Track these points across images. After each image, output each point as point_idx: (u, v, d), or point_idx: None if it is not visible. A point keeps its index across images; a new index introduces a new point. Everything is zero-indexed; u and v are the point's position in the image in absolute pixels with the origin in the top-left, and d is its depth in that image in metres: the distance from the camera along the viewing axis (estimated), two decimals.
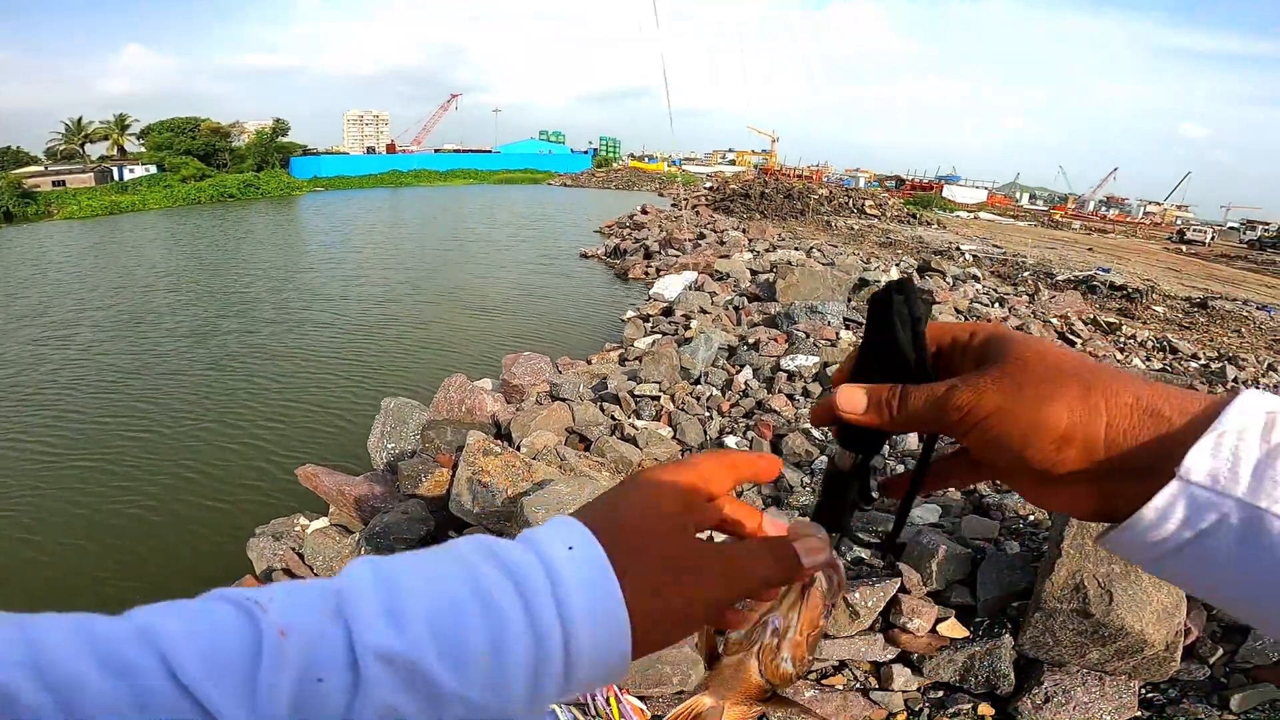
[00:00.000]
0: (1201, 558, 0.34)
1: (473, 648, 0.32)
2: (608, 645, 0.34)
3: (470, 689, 0.31)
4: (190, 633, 0.28)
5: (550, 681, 0.33)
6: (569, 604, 0.33)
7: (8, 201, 35.64)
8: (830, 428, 0.46)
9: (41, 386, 9.05)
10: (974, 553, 3.01)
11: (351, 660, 0.29)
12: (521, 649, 0.32)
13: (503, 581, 0.33)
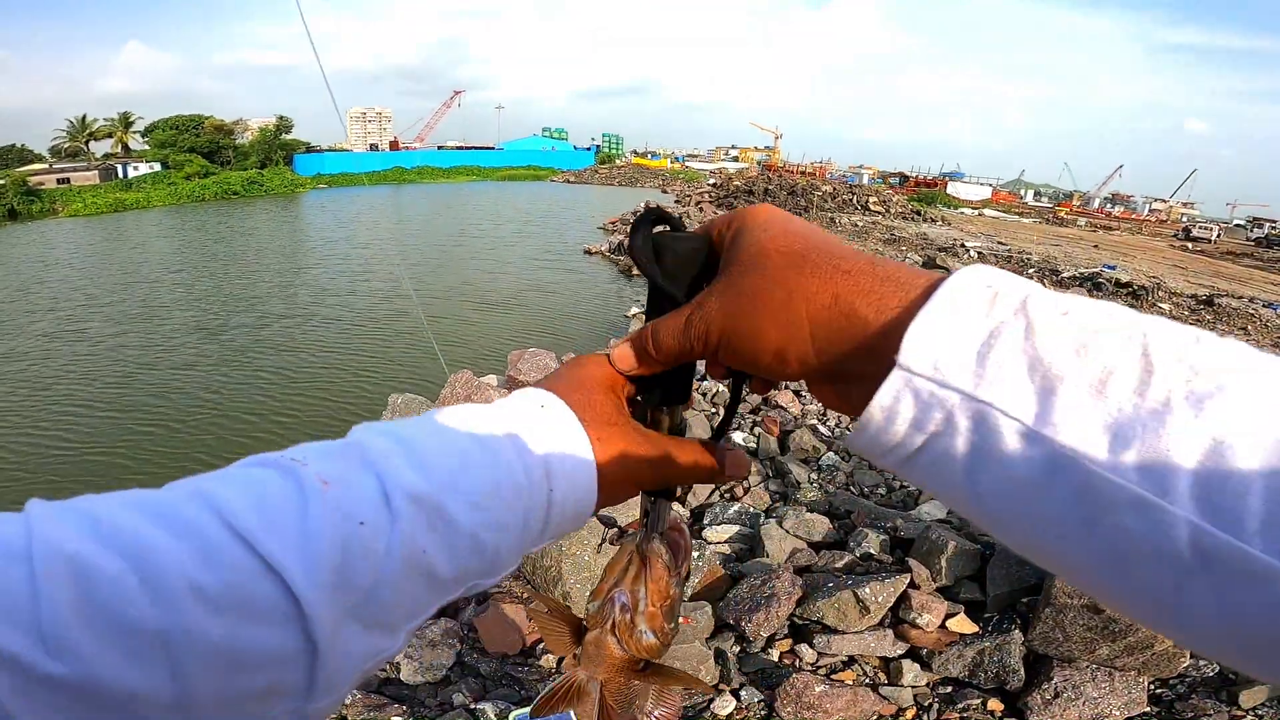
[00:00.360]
0: (937, 464, 0.31)
1: (479, 486, 0.34)
2: (579, 482, 0.38)
3: (479, 524, 0.34)
4: (243, 490, 0.30)
5: (537, 511, 0.37)
6: (547, 441, 0.38)
7: (13, 199, 35.77)
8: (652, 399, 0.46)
9: (56, 379, 9.17)
10: (983, 549, 3.01)
11: (385, 502, 0.31)
12: (517, 483, 0.36)
13: (495, 429, 0.37)
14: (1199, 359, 0.27)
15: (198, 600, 0.26)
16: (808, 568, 3.18)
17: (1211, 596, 0.25)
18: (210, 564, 0.27)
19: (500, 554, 0.36)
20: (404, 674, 2.92)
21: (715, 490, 4.22)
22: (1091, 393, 0.27)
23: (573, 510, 0.39)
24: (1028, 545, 0.30)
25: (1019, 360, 0.29)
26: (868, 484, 4.20)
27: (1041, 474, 0.28)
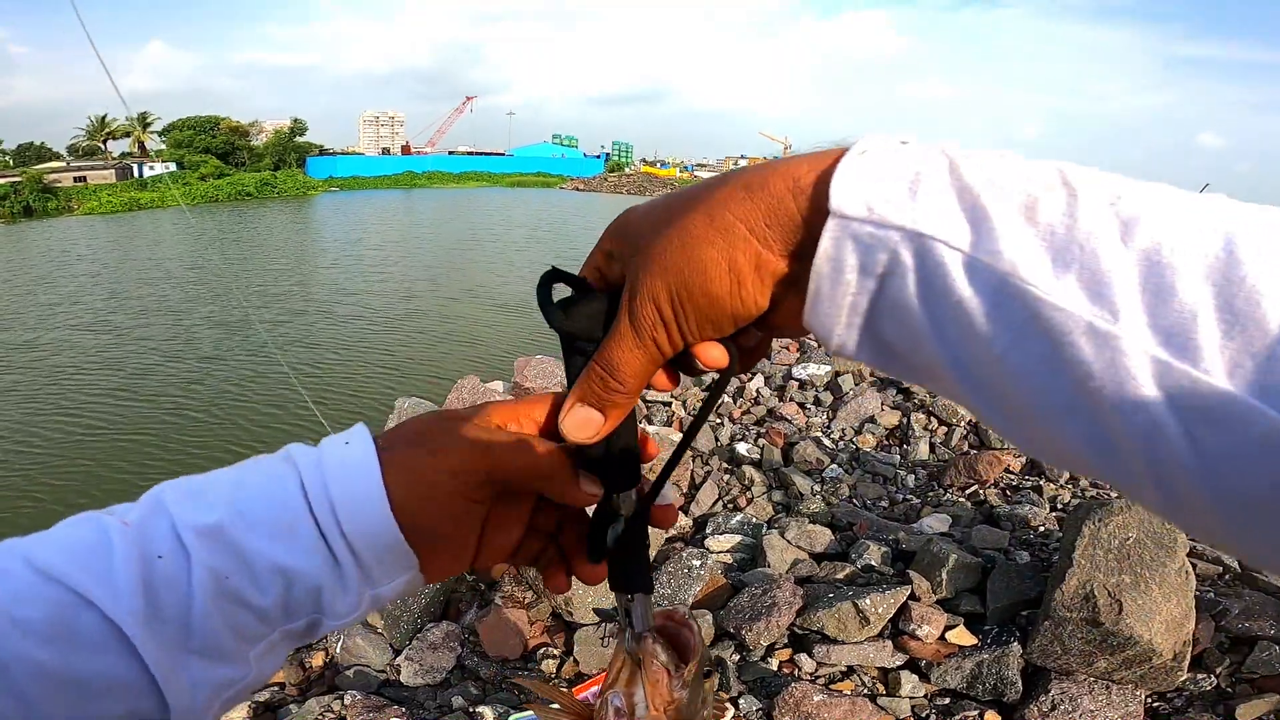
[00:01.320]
0: (896, 315, 0.30)
1: (267, 515, 0.36)
2: (375, 516, 0.37)
3: (278, 551, 0.36)
4: (47, 538, 0.34)
5: (339, 545, 0.37)
6: (326, 462, 0.38)
7: (29, 196, 36.20)
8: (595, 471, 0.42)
9: (84, 367, 9.52)
10: (984, 562, 3.02)
11: (177, 538, 0.35)
12: (292, 500, 0.37)
13: (279, 459, 0.39)
14: (1118, 186, 0.27)
15: (23, 633, 0.30)
16: (809, 578, 3.19)
17: (1184, 444, 0.23)
18: (25, 601, 0.31)
19: (321, 584, 0.37)
20: (404, 676, 2.94)
21: (718, 500, 4.24)
22: (1023, 217, 0.27)
23: (366, 527, 0.37)
24: (1002, 403, 0.29)
25: (948, 192, 0.28)
26: (870, 497, 4.21)
27: (991, 307, 0.27)
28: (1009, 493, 4.20)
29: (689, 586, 3.11)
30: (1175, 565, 2.53)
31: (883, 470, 4.51)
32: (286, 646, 0.39)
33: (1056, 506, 3.99)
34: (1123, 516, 2.63)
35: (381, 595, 0.39)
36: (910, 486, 4.38)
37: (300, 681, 3.01)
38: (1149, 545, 2.56)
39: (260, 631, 0.37)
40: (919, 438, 4.90)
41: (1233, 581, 3.05)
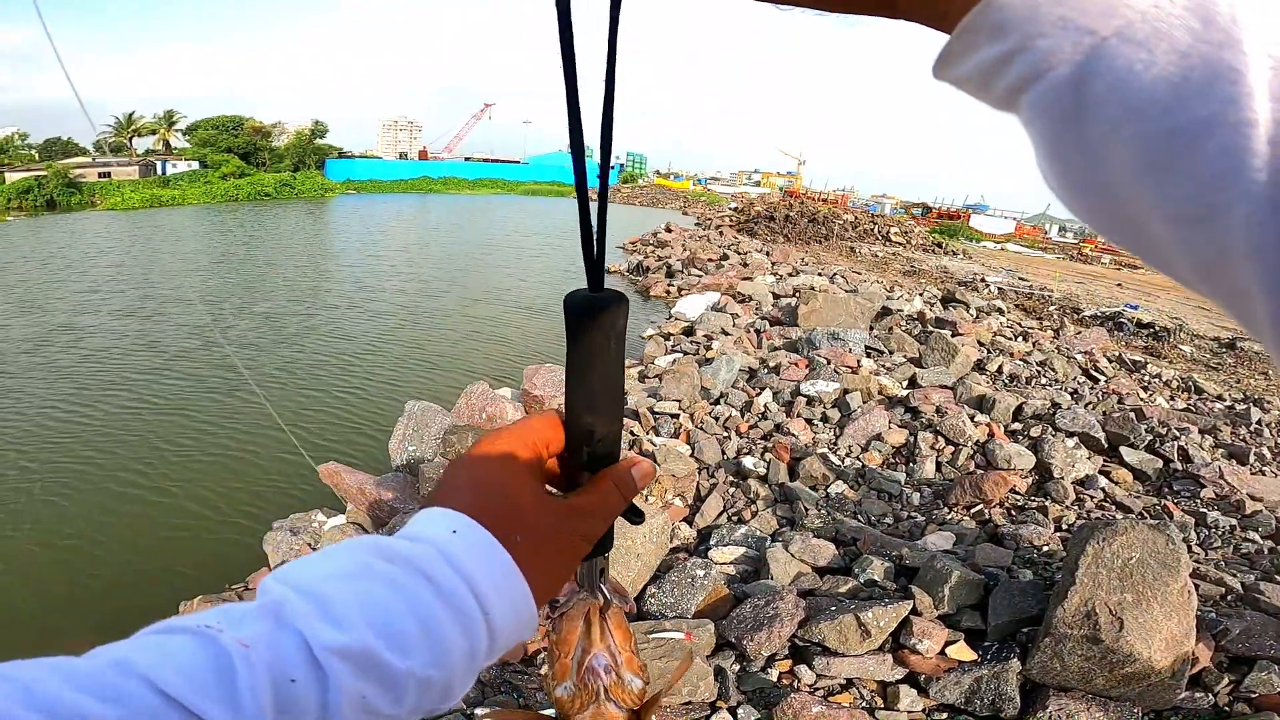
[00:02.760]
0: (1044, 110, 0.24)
1: (406, 629, 0.36)
2: (513, 597, 0.40)
3: (416, 664, 0.36)
4: (162, 656, 0.31)
5: (479, 638, 0.39)
6: (466, 570, 0.39)
7: (53, 190, 36.79)
8: None
9: (129, 351, 9.96)
10: (987, 579, 3.06)
11: (313, 659, 0.33)
12: (445, 618, 0.38)
13: (405, 571, 0.38)
14: None
15: None
16: (811, 591, 3.23)
17: None
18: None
19: (453, 682, 0.39)
20: None
21: (723, 512, 4.28)
22: None
23: (514, 623, 0.41)
24: None
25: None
26: (875, 513, 4.25)
27: None
28: (1014, 512, 4.23)
29: (692, 596, 3.16)
30: (1177, 585, 2.56)
31: (888, 487, 4.54)
32: None
33: (1061, 527, 4.01)
34: (1127, 536, 2.67)
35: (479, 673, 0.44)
36: (915, 504, 4.41)
37: None
38: (1152, 565, 2.59)
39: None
40: (925, 456, 4.93)
41: (1235, 602, 3.07)
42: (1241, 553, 3.85)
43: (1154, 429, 5.43)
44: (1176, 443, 5.17)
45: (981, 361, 7.30)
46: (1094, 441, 5.15)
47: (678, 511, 4.23)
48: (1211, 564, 3.58)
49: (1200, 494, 4.62)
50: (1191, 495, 4.64)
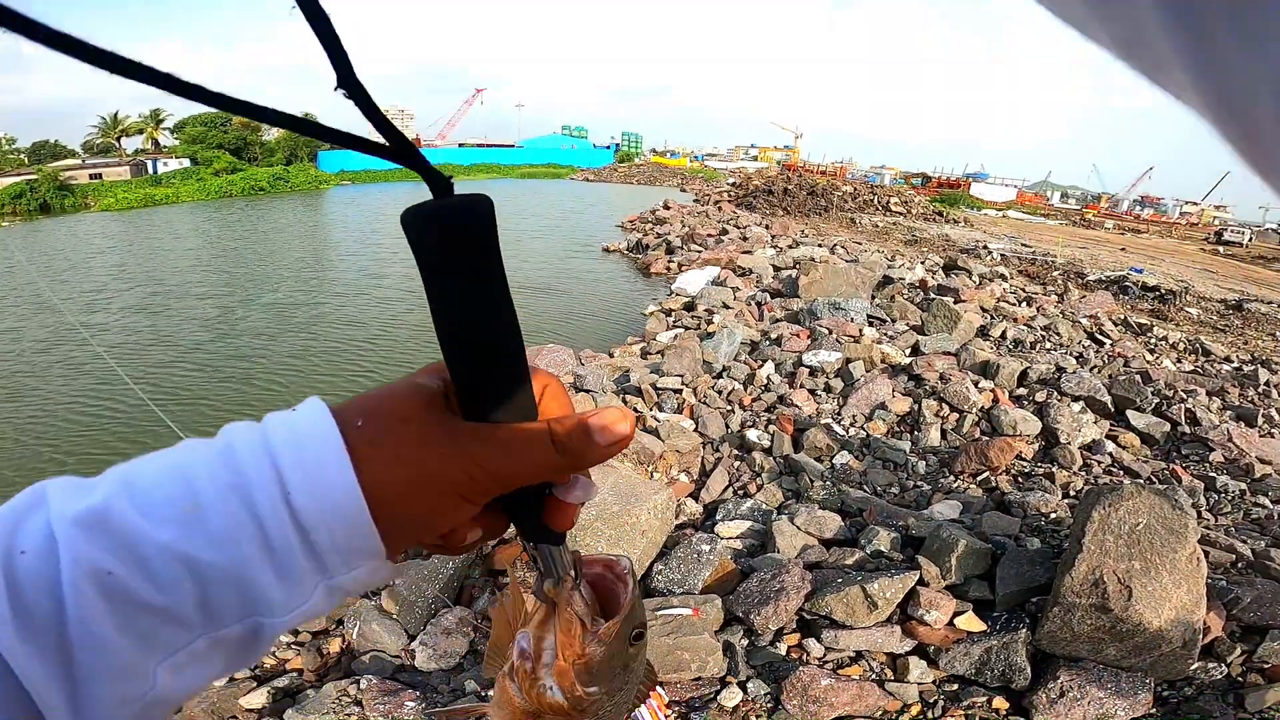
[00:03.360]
0: None
1: (165, 492, 0.29)
2: (330, 482, 0.30)
3: (177, 537, 0.29)
4: None
5: (276, 521, 0.30)
6: (266, 432, 0.31)
7: (46, 194, 36.65)
8: None
9: (146, 345, 10.23)
10: (994, 548, 3.02)
11: (49, 530, 0.29)
12: (224, 480, 0.30)
13: (206, 442, 0.32)
14: None
15: None
16: (818, 564, 3.20)
17: None
18: None
19: (251, 581, 0.30)
20: (419, 660, 2.99)
21: (728, 487, 4.25)
22: None
23: (335, 521, 0.31)
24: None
25: None
26: (880, 483, 4.21)
27: None
28: (1020, 479, 4.19)
29: (698, 571, 3.13)
30: (1186, 552, 2.52)
31: (893, 457, 4.50)
32: (222, 659, 0.32)
33: (1069, 493, 3.97)
34: (1133, 502, 2.62)
35: (338, 587, 0.32)
36: (921, 473, 4.38)
37: (318, 667, 3.07)
38: (1160, 531, 2.55)
39: (174, 638, 0.30)
40: (930, 424, 4.88)
41: (1245, 569, 3.03)
42: (1251, 518, 3.80)
43: (1160, 392, 5.37)
44: (1184, 405, 5.11)
45: (985, 327, 7.22)
46: (1100, 405, 5.09)
47: (683, 487, 4.21)
48: (1221, 530, 3.53)
49: (1209, 458, 4.57)
50: (1200, 459, 4.58)
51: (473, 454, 0.34)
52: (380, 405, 0.34)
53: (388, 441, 0.33)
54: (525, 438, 0.35)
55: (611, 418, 0.37)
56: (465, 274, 0.34)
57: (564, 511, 0.39)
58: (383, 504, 0.32)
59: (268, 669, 3.10)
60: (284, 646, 3.21)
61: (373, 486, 0.31)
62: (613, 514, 3.24)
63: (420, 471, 0.33)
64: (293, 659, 3.14)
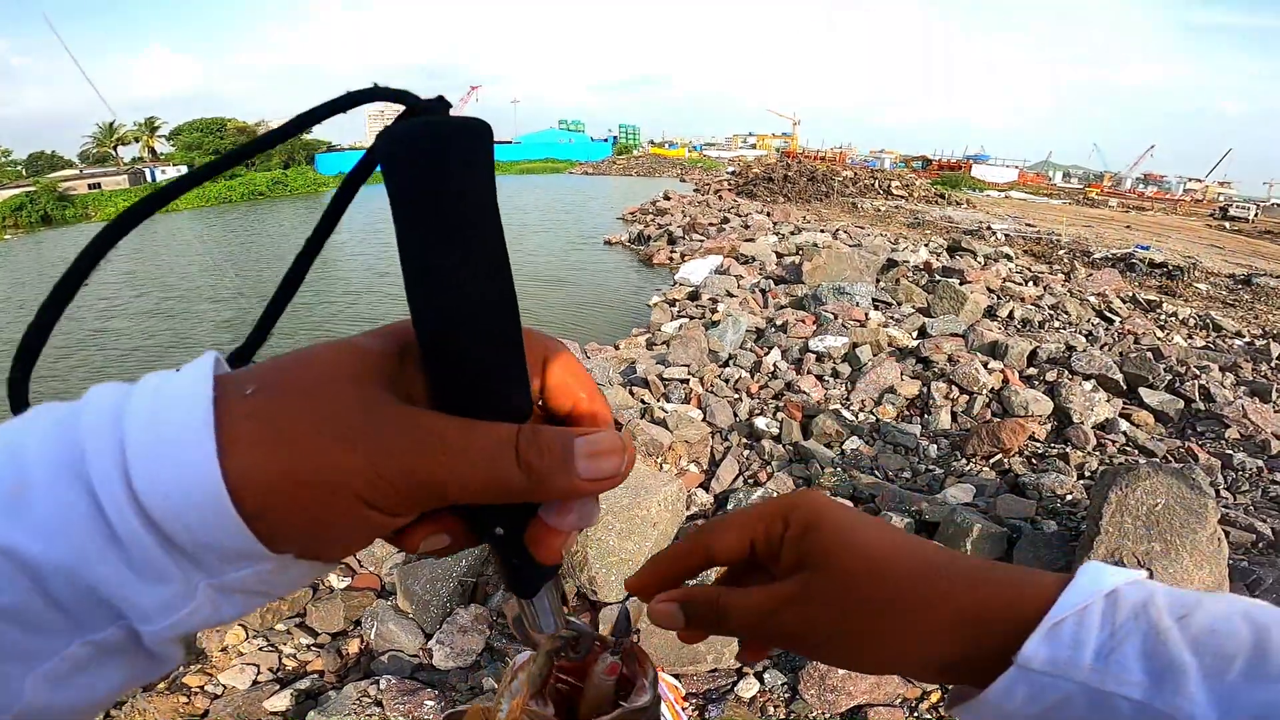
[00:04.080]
0: None
1: None
2: (186, 471, 0.23)
3: None
4: None
5: (110, 492, 0.23)
6: (132, 405, 0.24)
7: (46, 205, 36.79)
8: None
9: (172, 344, 10.65)
10: (1010, 532, 2.99)
11: None
12: (27, 452, 0.24)
13: (56, 405, 0.26)
14: None
15: None
16: None
17: None
18: None
19: (91, 578, 0.23)
20: (436, 659, 2.99)
21: (739, 476, 4.23)
22: (1205, 678, 0.31)
23: (192, 518, 0.24)
24: None
25: (1138, 659, 0.32)
26: (892, 468, 4.18)
27: None
28: (1034, 461, 4.15)
29: None
30: (1206, 532, 2.48)
31: (904, 441, 4.47)
32: (124, 668, 0.26)
33: (1084, 474, 3.94)
34: (1150, 481, 2.58)
35: (231, 586, 0.26)
36: (932, 456, 4.34)
37: (338, 669, 3.07)
38: (1179, 511, 2.51)
39: (35, 644, 0.24)
40: (940, 407, 4.84)
41: (1266, 550, 2.99)
42: (1270, 496, 3.76)
43: (1173, 368, 5.32)
44: (1197, 381, 5.06)
45: (992, 308, 7.16)
46: (1112, 383, 5.04)
47: (693, 478, 4.19)
48: (1240, 509, 3.49)
49: (1224, 434, 4.52)
50: (1216, 436, 4.54)
51: (390, 451, 0.26)
52: (286, 369, 0.27)
53: (272, 418, 0.25)
54: (478, 442, 0.27)
55: (604, 444, 0.29)
56: (458, 206, 0.26)
57: (548, 538, 0.31)
58: (252, 499, 0.24)
59: (290, 671, 3.10)
60: (305, 649, 3.22)
61: (238, 475, 0.24)
62: (623, 507, 3.22)
63: (303, 463, 0.25)
64: (314, 661, 3.15)
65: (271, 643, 3.19)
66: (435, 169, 0.26)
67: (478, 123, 0.27)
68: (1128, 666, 0.32)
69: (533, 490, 0.28)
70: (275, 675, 3.06)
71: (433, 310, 0.27)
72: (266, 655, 3.13)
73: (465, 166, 0.26)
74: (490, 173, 0.27)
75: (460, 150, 0.26)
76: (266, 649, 3.17)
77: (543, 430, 0.28)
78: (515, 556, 0.31)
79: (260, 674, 3.06)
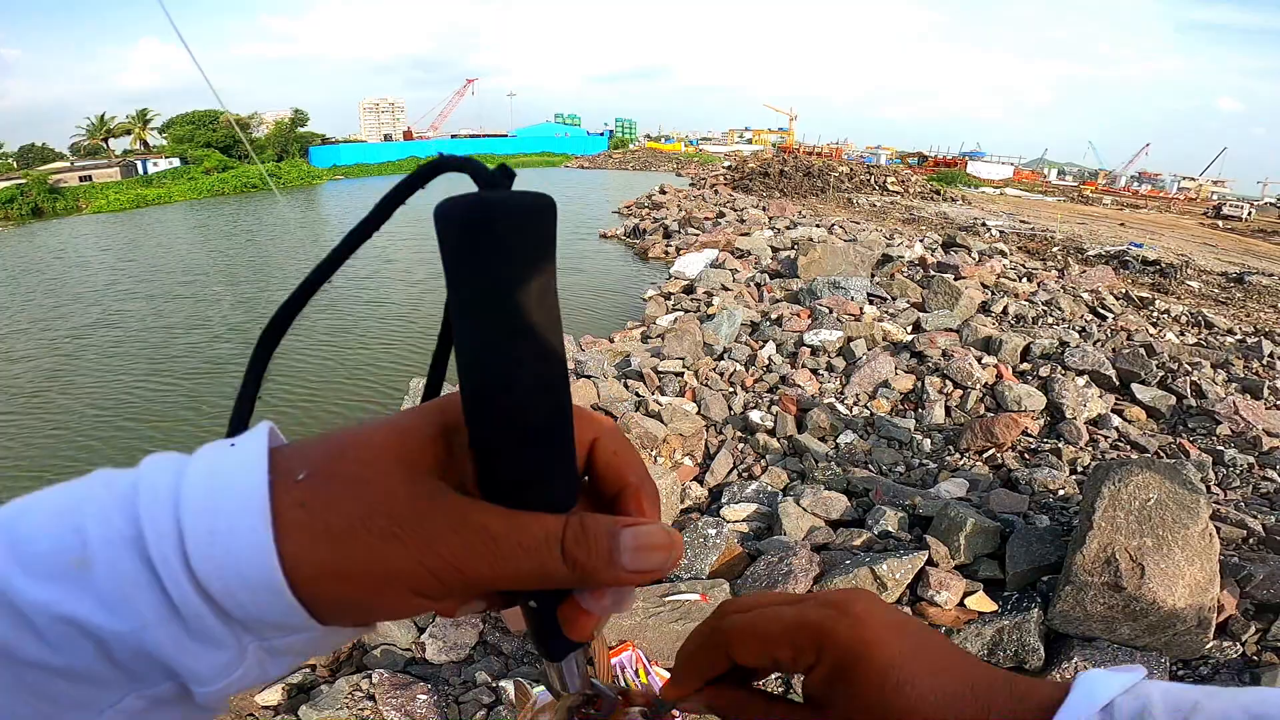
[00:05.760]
0: None
1: (37, 540, 0.24)
2: (243, 556, 0.24)
3: (58, 596, 0.24)
4: None
5: (171, 574, 0.24)
6: (170, 479, 0.25)
7: (37, 197, 36.46)
8: None
9: (174, 335, 10.60)
10: (1003, 526, 3.00)
11: None
12: (117, 528, 0.24)
13: (111, 474, 0.26)
14: None
15: None
16: (825, 545, 3.18)
17: None
18: None
19: (150, 645, 0.25)
20: (429, 653, 2.98)
21: (733, 469, 4.23)
22: None
23: (235, 575, 0.24)
24: None
25: None
26: (886, 462, 4.18)
27: None
28: (1027, 455, 4.16)
29: (705, 556, 3.11)
30: (1198, 528, 2.49)
31: (898, 435, 4.47)
32: (167, 715, 0.27)
33: (1077, 469, 3.95)
34: (1142, 477, 2.59)
35: (279, 649, 0.27)
36: (926, 451, 4.35)
37: (330, 663, 3.06)
38: (1170, 506, 2.52)
39: (92, 697, 0.25)
40: (934, 401, 4.85)
41: (1257, 545, 3.00)
42: (1261, 492, 3.77)
43: (1165, 365, 5.33)
44: (1189, 378, 5.08)
45: (986, 303, 7.17)
46: (1105, 379, 5.05)
47: (687, 471, 4.18)
48: (1231, 505, 3.50)
49: (1216, 430, 4.54)
50: (1207, 432, 4.56)
51: (438, 549, 0.26)
52: (337, 454, 0.27)
53: (326, 508, 0.26)
54: (526, 539, 0.27)
55: (652, 539, 0.29)
56: (509, 292, 0.25)
57: (581, 619, 0.31)
58: (305, 584, 0.25)
59: None
60: None
61: (292, 561, 0.25)
62: None
63: (353, 559, 0.25)
64: None
65: None
66: (486, 253, 0.25)
67: (541, 199, 0.26)
68: None
69: (577, 582, 0.28)
70: None
71: (480, 394, 0.27)
72: None
73: (519, 250, 0.25)
74: (549, 255, 0.26)
75: (516, 232, 0.25)
76: None
77: (589, 524, 0.28)
78: (547, 627, 0.32)
79: None
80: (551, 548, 0.27)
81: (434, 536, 0.26)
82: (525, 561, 0.27)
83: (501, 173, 0.26)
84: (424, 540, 0.26)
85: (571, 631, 0.31)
